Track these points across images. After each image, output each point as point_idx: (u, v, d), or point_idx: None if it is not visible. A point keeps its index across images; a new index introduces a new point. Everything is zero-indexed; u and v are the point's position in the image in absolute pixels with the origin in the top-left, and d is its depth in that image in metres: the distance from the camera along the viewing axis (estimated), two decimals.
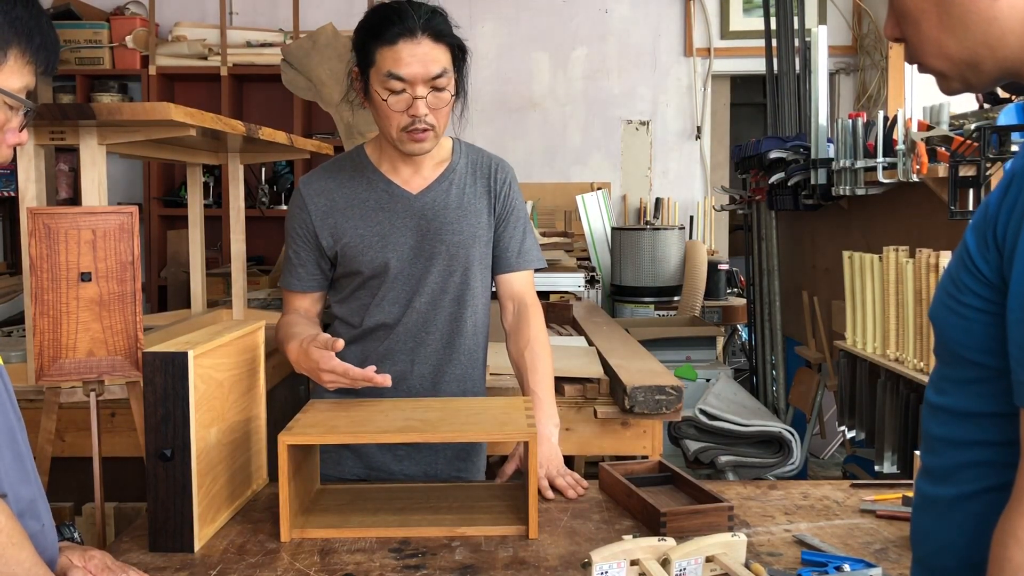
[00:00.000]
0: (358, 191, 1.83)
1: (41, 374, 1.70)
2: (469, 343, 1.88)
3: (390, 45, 1.68)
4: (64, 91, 5.41)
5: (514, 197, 1.91)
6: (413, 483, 1.81)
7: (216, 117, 2.26)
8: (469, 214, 1.85)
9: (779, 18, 4.60)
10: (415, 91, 1.69)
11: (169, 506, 1.44)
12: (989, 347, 0.90)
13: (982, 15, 0.91)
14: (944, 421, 0.97)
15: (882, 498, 1.67)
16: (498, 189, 1.89)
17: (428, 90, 1.70)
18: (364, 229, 1.81)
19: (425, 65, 1.68)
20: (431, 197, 1.83)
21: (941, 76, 0.98)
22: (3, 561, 1.05)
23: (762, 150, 3.81)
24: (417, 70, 1.68)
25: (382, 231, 1.81)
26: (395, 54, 1.68)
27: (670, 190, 5.74)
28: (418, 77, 1.68)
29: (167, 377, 1.42)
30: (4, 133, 1.15)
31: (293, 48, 3.50)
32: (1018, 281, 0.85)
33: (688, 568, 1.27)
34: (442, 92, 1.72)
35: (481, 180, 1.88)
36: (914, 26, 0.97)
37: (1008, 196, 0.88)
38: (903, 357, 2.57)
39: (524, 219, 1.93)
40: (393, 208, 1.82)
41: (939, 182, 2.56)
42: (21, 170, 2.11)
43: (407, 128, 1.72)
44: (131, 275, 1.73)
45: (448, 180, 1.86)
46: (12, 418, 1.15)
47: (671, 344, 3.92)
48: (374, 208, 1.82)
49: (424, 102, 1.70)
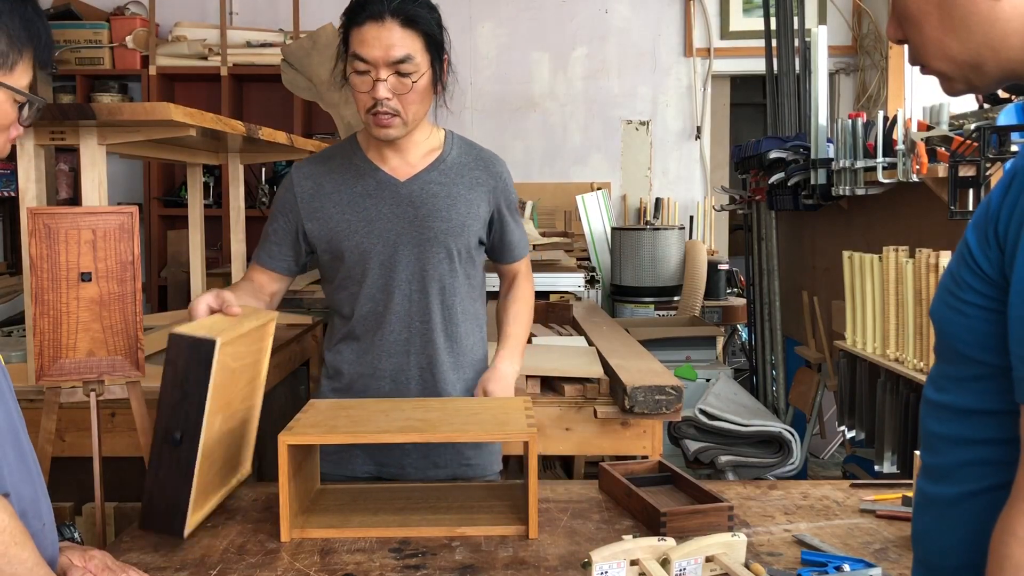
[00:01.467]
0: (346, 177, 1.85)
1: (41, 374, 1.70)
2: (463, 332, 1.88)
3: (358, 27, 1.71)
4: (64, 91, 5.41)
5: (510, 192, 1.94)
6: (415, 481, 1.81)
7: (216, 117, 2.26)
8: (458, 203, 1.84)
9: (779, 18, 4.59)
10: (377, 74, 1.70)
11: (167, 489, 1.43)
12: (990, 344, 0.90)
13: (984, 17, 0.91)
14: (944, 419, 0.97)
15: (882, 498, 1.67)
16: (494, 183, 1.90)
17: (390, 73, 1.70)
18: (350, 214, 1.82)
19: (386, 49, 1.69)
20: (418, 185, 1.84)
21: (944, 77, 0.98)
22: (5, 560, 1.05)
23: (762, 150, 3.81)
24: (378, 53, 1.69)
25: (368, 216, 1.82)
26: (360, 35, 1.70)
27: (670, 190, 5.74)
28: (379, 60, 1.69)
29: (190, 362, 1.41)
30: (7, 131, 1.16)
31: (293, 48, 3.51)
32: (1019, 278, 0.85)
33: (688, 568, 1.27)
34: (406, 77, 1.71)
35: (475, 172, 1.88)
36: (916, 28, 0.97)
37: (1010, 194, 0.88)
38: (903, 357, 2.57)
39: (516, 211, 1.97)
40: (380, 195, 1.83)
41: (939, 182, 2.56)
42: (21, 170, 2.11)
43: (371, 111, 1.74)
44: (131, 275, 1.73)
45: (437, 169, 1.86)
46: (15, 417, 1.15)
47: (671, 344, 3.92)
48: (361, 194, 1.83)
49: (384, 85, 1.70)
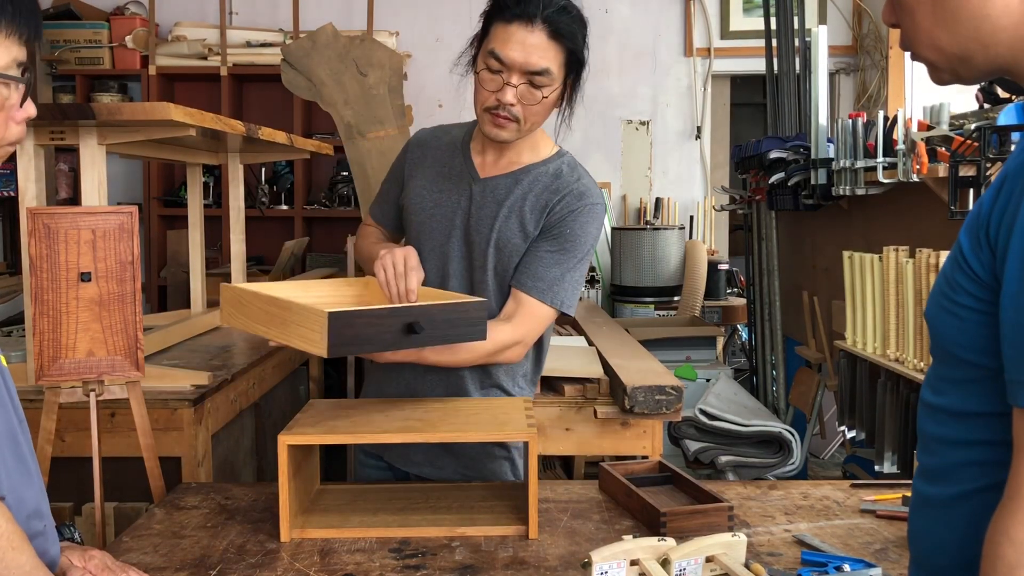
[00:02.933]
0: (443, 156, 1.83)
1: (41, 374, 1.70)
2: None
3: (504, 24, 1.64)
4: (64, 91, 5.40)
5: (569, 225, 1.73)
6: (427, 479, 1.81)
7: (216, 117, 2.26)
8: (513, 220, 1.73)
9: (779, 18, 4.59)
10: (510, 78, 1.64)
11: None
12: (984, 347, 0.91)
13: (974, 12, 0.92)
14: (940, 421, 0.98)
15: (882, 498, 1.67)
16: (555, 205, 1.74)
17: (524, 81, 1.64)
18: (426, 192, 1.81)
19: (528, 55, 1.62)
20: (491, 187, 1.76)
21: (932, 66, 0.99)
22: (3, 565, 1.04)
23: (762, 150, 3.81)
24: (517, 57, 1.62)
25: (437, 199, 1.80)
26: (504, 34, 1.63)
27: (670, 190, 5.74)
28: (517, 64, 1.62)
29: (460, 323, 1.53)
30: (7, 111, 1.10)
31: (293, 48, 3.50)
32: (1010, 281, 0.85)
33: (688, 568, 1.27)
34: (538, 89, 1.65)
35: (547, 194, 1.74)
36: (909, 15, 0.98)
37: (1000, 196, 0.89)
38: (903, 357, 2.57)
39: (570, 254, 1.74)
40: (458, 183, 1.79)
41: (939, 182, 2.56)
42: (21, 170, 2.12)
43: (490, 109, 1.68)
44: (131, 275, 1.73)
45: (514, 178, 1.76)
46: (14, 420, 1.14)
47: (671, 344, 3.92)
48: (444, 175, 1.81)
49: (514, 91, 1.64)
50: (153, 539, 1.50)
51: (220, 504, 1.66)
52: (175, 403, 2.14)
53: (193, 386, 2.22)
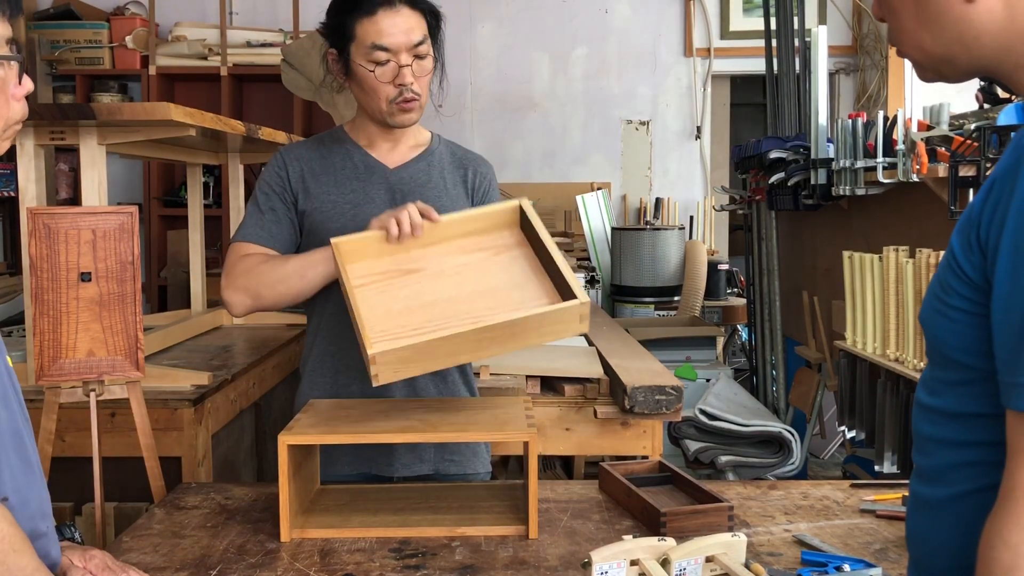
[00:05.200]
0: (334, 160, 1.83)
1: (41, 374, 1.70)
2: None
3: (370, 16, 1.69)
4: (64, 91, 5.40)
5: (493, 194, 1.89)
6: (411, 481, 1.81)
7: (216, 117, 2.26)
8: (444, 196, 1.82)
9: (779, 18, 4.59)
10: (400, 59, 1.70)
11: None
12: (977, 349, 0.91)
13: (957, 17, 0.93)
14: (935, 422, 0.98)
15: (882, 498, 1.67)
16: (476, 183, 1.87)
17: (412, 58, 1.71)
18: (337, 196, 1.80)
19: (407, 33, 1.70)
20: (408, 173, 1.83)
21: (917, 64, 1.01)
22: (5, 568, 1.04)
23: (762, 150, 3.81)
24: (400, 39, 1.69)
25: (355, 199, 1.80)
26: (376, 25, 1.69)
27: (670, 190, 5.74)
28: (401, 46, 1.70)
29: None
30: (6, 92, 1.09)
31: (293, 48, 3.51)
32: (1001, 283, 0.86)
33: (688, 568, 1.27)
34: (424, 60, 1.73)
35: (459, 171, 1.87)
36: (894, 15, 0.99)
37: (990, 199, 0.89)
38: (903, 357, 2.57)
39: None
40: (368, 179, 1.81)
41: (939, 182, 2.56)
42: (21, 170, 2.12)
43: (395, 99, 1.73)
44: (131, 275, 1.73)
45: (426, 161, 1.85)
46: (19, 421, 1.14)
47: (671, 344, 3.92)
48: (349, 176, 1.81)
49: (410, 70, 1.71)
50: (153, 539, 1.50)
51: (220, 504, 1.66)
52: (175, 403, 2.14)
53: (193, 386, 2.22)
